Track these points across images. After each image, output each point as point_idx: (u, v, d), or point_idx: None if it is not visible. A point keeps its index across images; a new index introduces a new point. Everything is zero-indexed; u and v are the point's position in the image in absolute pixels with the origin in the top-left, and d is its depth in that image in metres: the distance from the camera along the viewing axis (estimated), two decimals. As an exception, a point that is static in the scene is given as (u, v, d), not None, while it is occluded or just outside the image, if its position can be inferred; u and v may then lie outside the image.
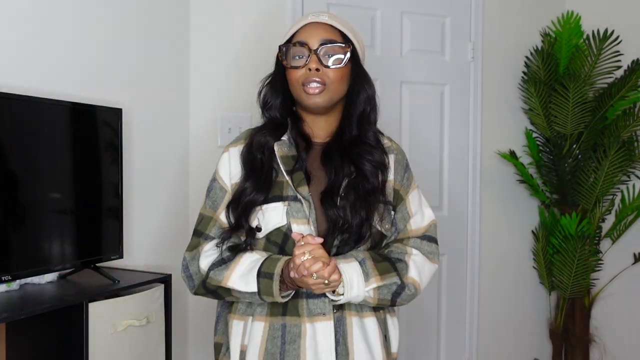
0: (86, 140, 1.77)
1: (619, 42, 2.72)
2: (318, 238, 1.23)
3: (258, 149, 1.35)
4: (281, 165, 1.32)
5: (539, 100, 2.77)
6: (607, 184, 2.71)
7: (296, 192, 1.29)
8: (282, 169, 1.32)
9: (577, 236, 2.70)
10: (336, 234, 1.29)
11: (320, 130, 1.39)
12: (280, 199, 1.30)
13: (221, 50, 2.33)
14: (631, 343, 2.93)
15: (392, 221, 1.38)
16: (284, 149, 1.35)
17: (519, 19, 2.91)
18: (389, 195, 1.37)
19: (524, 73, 2.89)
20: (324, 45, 1.31)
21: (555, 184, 2.83)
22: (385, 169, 1.36)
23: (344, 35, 1.34)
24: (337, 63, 1.32)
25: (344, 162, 1.33)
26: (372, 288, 1.27)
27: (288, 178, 1.31)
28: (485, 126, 2.84)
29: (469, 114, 2.82)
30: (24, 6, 1.71)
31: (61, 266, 1.68)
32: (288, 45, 1.34)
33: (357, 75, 1.37)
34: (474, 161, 2.83)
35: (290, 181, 1.30)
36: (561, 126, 2.73)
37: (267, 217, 1.30)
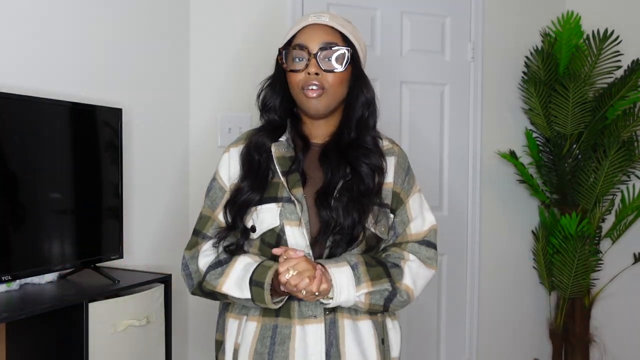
0: (86, 140, 1.77)
1: (619, 42, 2.72)
2: (299, 251, 1.23)
3: (256, 149, 1.35)
4: (277, 166, 1.33)
5: (539, 100, 2.77)
6: (607, 184, 2.71)
7: (290, 193, 1.30)
8: (278, 170, 1.32)
9: (577, 236, 2.70)
10: (328, 235, 1.28)
11: (319, 132, 1.39)
12: (274, 200, 1.31)
13: (221, 50, 2.33)
14: (631, 343, 2.93)
15: (389, 224, 1.36)
16: (281, 150, 1.35)
17: (519, 19, 2.91)
18: (386, 198, 1.35)
19: (524, 73, 2.89)
20: (323, 49, 1.30)
21: (555, 184, 2.83)
22: (381, 172, 1.34)
23: (344, 37, 1.34)
24: (337, 67, 1.31)
25: (340, 163, 1.32)
26: (363, 293, 1.26)
27: (283, 179, 1.31)
28: (485, 126, 2.84)
29: (469, 114, 2.82)
30: (24, 6, 1.71)
31: (61, 266, 1.68)
32: (288, 49, 1.34)
33: (356, 78, 1.36)
34: (474, 161, 2.83)
35: (285, 182, 1.31)
36: (561, 126, 2.73)
37: (261, 218, 1.31)
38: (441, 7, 2.74)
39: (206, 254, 1.36)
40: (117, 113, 1.84)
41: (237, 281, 1.29)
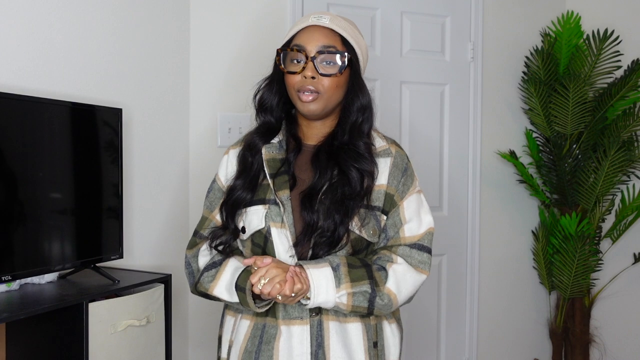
0: (86, 140, 1.77)
1: (619, 42, 2.72)
2: (267, 258, 1.24)
3: (249, 151, 1.37)
4: (265, 168, 1.34)
5: (539, 100, 2.77)
6: (607, 184, 2.71)
7: (274, 195, 1.30)
8: (267, 172, 1.33)
9: (577, 236, 2.70)
10: (308, 237, 1.28)
11: (315, 133, 1.39)
12: (262, 202, 1.32)
13: (221, 50, 2.33)
14: (631, 343, 2.93)
15: (380, 227, 1.33)
16: (272, 151, 1.36)
17: (519, 19, 2.91)
18: (377, 200, 1.33)
19: (524, 73, 2.89)
20: (321, 52, 1.29)
21: (555, 184, 2.83)
22: (371, 176, 1.32)
23: (344, 40, 1.32)
24: (333, 71, 1.30)
25: (329, 165, 1.32)
26: (344, 294, 1.24)
27: (270, 181, 1.32)
28: (485, 126, 2.84)
29: (469, 114, 2.82)
30: (24, 6, 1.71)
31: (61, 266, 1.68)
32: (285, 50, 1.33)
33: (353, 83, 1.35)
34: (474, 161, 2.83)
35: (271, 184, 1.31)
36: (561, 126, 2.73)
37: (249, 219, 1.32)
38: (441, 7, 2.74)
39: (204, 253, 1.39)
40: (117, 113, 1.84)
41: (227, 286, 1.31)
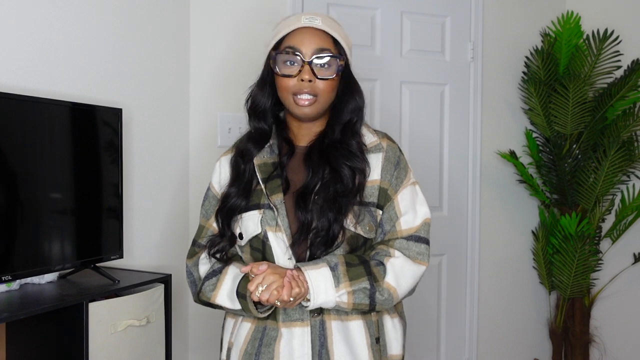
0: (86, 140, 1.77)
1: (619, 42, 2.72)
2: (263, 265, 1.23)
3: (241, 157, 1.37)
4: (258, 174, 1.34)
5: (539, 100, 2.77)
6: (607, 184, 2.71)
7: (268, 200, 1.30)
8: (259, 177, 1.33)
9: (577, 236, 2.70)
10: (304, 236, 1.28)
11: (305, 134, 1.39)
12: (257, 207, 1.32)
13: (221, 50, 2.33)
14: (631, 343, 2.93)
15: (376, 223, 1.33)
16: (264, 156, 1.36)
17: (519, 19, 2.91)
18: (371, 195, 1.32)
19: (524, 73, 2.89)
20: (317, 55, 1.29)
21: (555, 184, 2.83)
22: (363, 173, 1.32)
23: (336, 42, 1.33)
24: (330, 74, 1.30)
25: (320, 164, 1.32)
26: (344, 293, 1.24)
27: (263, 186, 1.32)
28: (485, 126, 2.84)
29: (469, 114, 2.82)
30: (24, 6, 1.71)
31: (61, 266, 1.68)
32: (279, 51, 1.32)
33: (346, 84, 1.35)
34: (474, 161, 2.83)
35: (264, 189, 1.32)
36: (561, 126, 2.73)
37: (245, 225, 1.33)
38: (441, 7, 2.74)
39: (204, 262, 1.40)
40: (117, 113, 1.84)
41: (228, 294, 1.32)
